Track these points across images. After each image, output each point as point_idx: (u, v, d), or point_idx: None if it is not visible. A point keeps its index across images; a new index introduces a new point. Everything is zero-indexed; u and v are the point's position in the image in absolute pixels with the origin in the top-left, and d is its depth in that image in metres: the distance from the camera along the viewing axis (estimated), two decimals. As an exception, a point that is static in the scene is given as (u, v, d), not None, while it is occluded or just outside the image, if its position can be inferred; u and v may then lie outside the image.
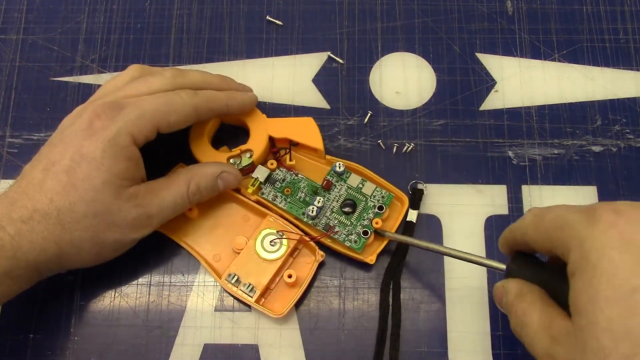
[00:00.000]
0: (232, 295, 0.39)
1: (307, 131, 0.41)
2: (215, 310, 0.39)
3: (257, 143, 0.41)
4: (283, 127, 0.41)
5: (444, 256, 0.40)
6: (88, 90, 0.45)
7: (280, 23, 0.47)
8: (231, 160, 0.40)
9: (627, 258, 0.24)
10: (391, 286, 0.39)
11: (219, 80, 0.41)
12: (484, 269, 0.39)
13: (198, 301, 0.39)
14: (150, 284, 0.40)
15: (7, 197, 0.34)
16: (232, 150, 0.41)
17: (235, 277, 0.38)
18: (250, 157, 0.40)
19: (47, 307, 0.39)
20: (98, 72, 0.46)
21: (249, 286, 0.38)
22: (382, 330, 0.38)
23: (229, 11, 0.47)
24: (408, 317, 0.39)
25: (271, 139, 0.41)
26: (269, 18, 0.47)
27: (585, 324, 0.24)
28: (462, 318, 0.39)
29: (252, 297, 0.38)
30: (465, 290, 0.39)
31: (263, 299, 0.38)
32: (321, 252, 0.39)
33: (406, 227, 0.40)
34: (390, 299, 0.39)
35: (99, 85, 0.45)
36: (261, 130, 0.41)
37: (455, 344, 0.38)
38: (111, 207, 0.34)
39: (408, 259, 0.40)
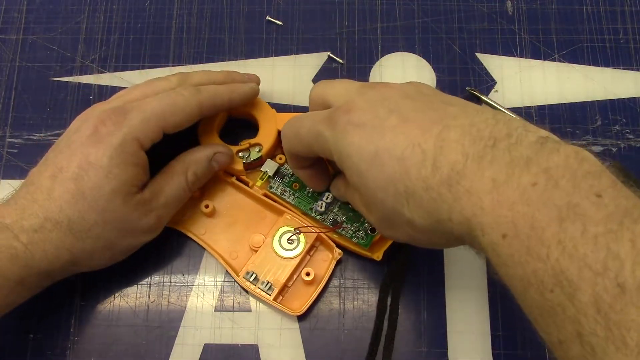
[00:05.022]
0: (248, 293, 0.39)
1: None
2: (215, 310, 0.39)
3: (266, 137, 0.41)
4: None
5: (444, 256, 0.40)
6: (88, 90, 0.45)
7: (280, 23, 0.47)
8: (240, 154, 0.40)
9: (363, 144, 0.29)
10: (391, 287, 0.39)
11: (223, 76, 0.41)
12: (484, 268, 0.39)
13: (198, 301, 0.39)
14: (150, 284, 0.40)
15: (17, 204, 0.34)
16: (241, 143, 0.41)
17: (254, 275, 0.38)
18: (259, 151, 0.40)
19: (47, 307, 0.39)
20: (98, 72, 0.46)
21: (267, 284, 0.38)
22: (378, 329, 0.38)
23: (229, 11, 0.47)
24: (408, 317, 0.39)
25: (280, 133, 0.41)
26: (269, 18, 0.47)
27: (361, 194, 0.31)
28: (462, 318, 0.39)
29: (270, 295, 0.38)
30: (465, 290, 0.39)
31: (281, 297, 0.38)
32: (339, 250, 0.39)
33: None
34: (390, 300, 0.39)
35: (99, 86, 0.45)
36: (270, 124, 0.41)
37: (455, 344, 0.38)
38: (121, 215, 0.34)
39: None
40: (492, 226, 0.24)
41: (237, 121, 0.43)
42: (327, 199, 0.39)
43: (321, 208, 0.39)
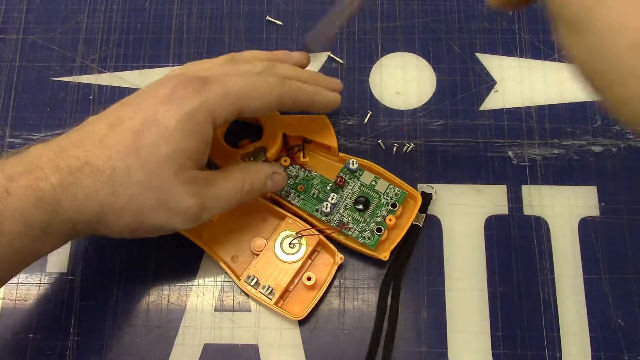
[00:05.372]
0: (249, 297, 0.39)
1: (320, 129, 0.41)
2: (215, 310, 0.39)
3: (271, 140, 0.41)
4: (297, 125, 0.41)
5: (444, 256, 0.40)
6: (88, 90, 0.45)
7: (280, 23, 0.47)
8: (244, 156, 0.40)
9: None
10: (391, 287, 0.39)
11: (309, 75, 0.40)
12: (484, 269, 0.39)
13: (198, 301, 0.39)
14: (150, 284, 0.40)
15: (58, 144, 0.31)
16: (246, 147, 0.41)
17: (255, 279, 0.38)
18: (264, 154, 0.40)
19: (47, 307, 0.39)
20: (98, 72, 0.46)
21: (268, 288, 0.38)
22: (378, 330, 0.38)
23: (229, 11, 0.47)
24: (408, 317, 0.39)
25: (285, 136, 0.41)
26: (269, 18, 0.47)
27: None
28: (462, 318, 0.39)
29: (271, 299, 0.38)
30: (465, 290, 0.39)
31: (282, 301, 0.39)
32: (340, 255, 0.39)
33: (411, 231, 0.40)
34: (390, 300, 0.39)
35: (99, 86, 0.45)
36: (275, 127, 0.41)
37: (455, 344, 0.38)
38: (167, 185, 0.32)
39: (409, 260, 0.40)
40: None
41: (241, 124, 0.43)
42: (332, 199, 0.39)
43: (326, 209, 0.39)
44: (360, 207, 0.39)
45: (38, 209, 0.30)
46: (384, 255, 0.38)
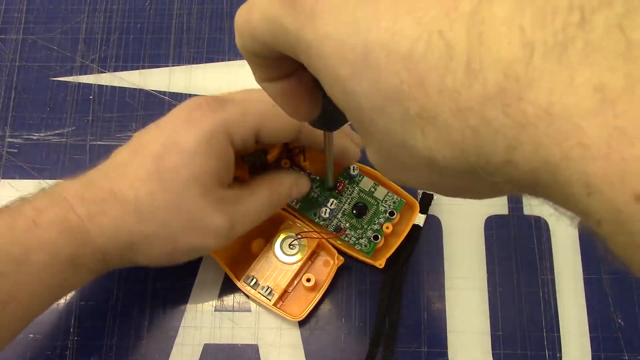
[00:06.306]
0: (249, 298, 0.39)
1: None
2: (215, 310, 0.39)
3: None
4: None
5: (444, 256, 0.40)
6: (88, 90, 0.45)
7: (280, 23, 0.47)
8: (245, 159, 0.40)
9: (342, 35, 0.17)
10: (391, 287, 0.39)
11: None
12: (484, 269, 0.39)
13: (198, 301, 0.39)
14: (150, 284, 0.40)
15: (87, 177, 0.32)
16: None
17: (254, 280, 0.38)
18: (265, 155, 0.40)
19: (47, 307, 0.39)
20: (98, 72, 0.46)
21: (267, 289, 0.38)
22: (378, 331, 0.38)
23: (229, 11, 0.47)
24: (408, 317, 0.39)
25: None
26: (269, 18, 0.47)
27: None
28: (462, 318, 0.39)
29: (270, 300, 0.38)
30: (465, 290, 0.39)
31: (281, 302, 0.38)
32: (340, 256, 0.38)
33: (412, 231, 0.40)
34: (390, 300, 0.39)
35: (99, 86, 0.45)
36: None
37: (455, 344, 0.38)
38: (195, 207, 0.31)
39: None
40: (611, 179, 0.14)
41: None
42: (331, 205, 0.39)
43: (325, 214, 0.39)
44: (357, 212, 0.39)
45: (65, 240, 0.30)
46: (380, 263, 0.38)
